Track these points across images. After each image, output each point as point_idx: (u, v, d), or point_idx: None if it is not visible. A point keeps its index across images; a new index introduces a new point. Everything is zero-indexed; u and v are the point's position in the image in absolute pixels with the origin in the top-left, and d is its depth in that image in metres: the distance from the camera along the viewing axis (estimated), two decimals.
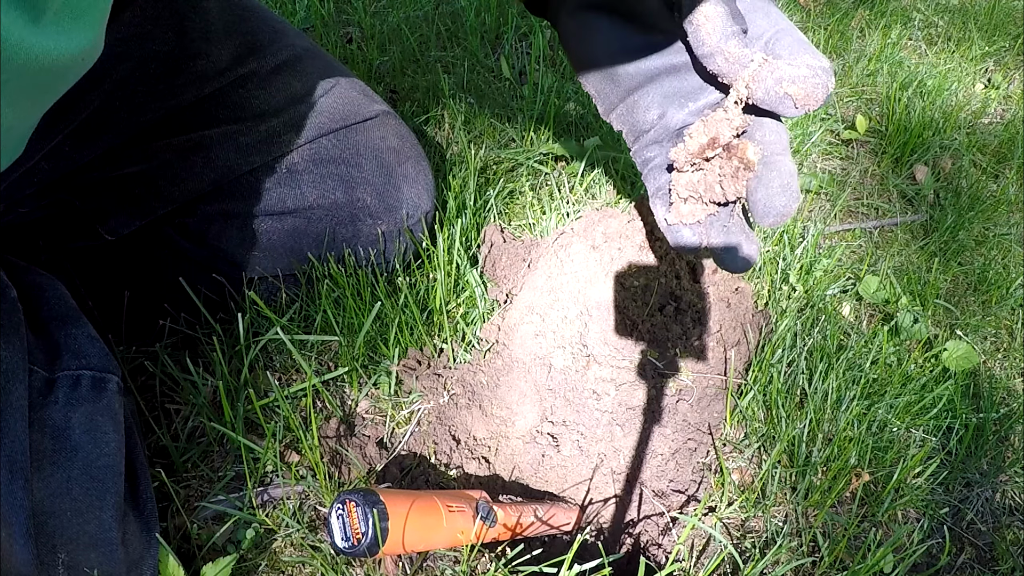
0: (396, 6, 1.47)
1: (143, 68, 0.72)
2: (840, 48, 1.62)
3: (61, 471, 0.54)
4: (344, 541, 0.52)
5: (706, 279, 0.85)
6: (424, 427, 0.76)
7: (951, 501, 0.82)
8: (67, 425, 0.57)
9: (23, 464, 0.51)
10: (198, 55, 0.75)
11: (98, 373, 0.60)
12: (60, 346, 0.60)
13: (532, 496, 0.73)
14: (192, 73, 0.75)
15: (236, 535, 0.67)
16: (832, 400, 0.80)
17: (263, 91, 0.78)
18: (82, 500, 0.54)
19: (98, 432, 0.57)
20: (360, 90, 0.86)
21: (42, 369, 0.58)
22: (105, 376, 0.60)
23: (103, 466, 0.56)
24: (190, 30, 0.74)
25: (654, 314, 0.78)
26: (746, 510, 0.74)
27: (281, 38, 0.82)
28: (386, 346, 0.79)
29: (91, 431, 0.57)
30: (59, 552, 0.52)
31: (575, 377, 0.75)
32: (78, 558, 0.53)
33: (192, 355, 0.78)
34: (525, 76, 1.34)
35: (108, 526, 0.55)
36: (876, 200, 1.25)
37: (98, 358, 0.61)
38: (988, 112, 1.54)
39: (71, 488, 0.54)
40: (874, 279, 1.04)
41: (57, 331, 0.61)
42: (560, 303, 0.77)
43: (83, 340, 0.61)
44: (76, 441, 0.56)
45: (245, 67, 0.77)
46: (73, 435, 0.56)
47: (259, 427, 0.74)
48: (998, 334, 1.05)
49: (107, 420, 0.59)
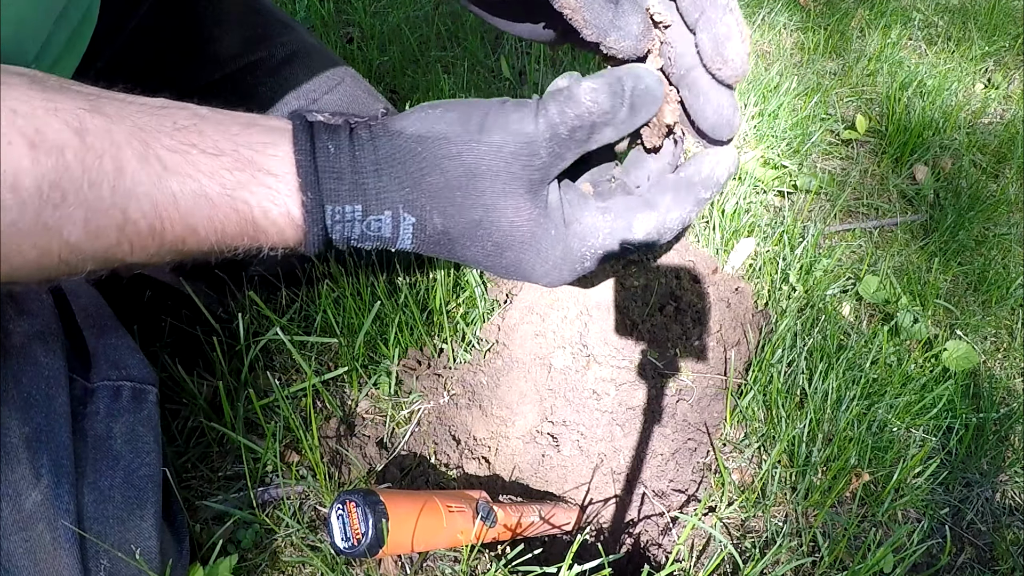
0: (396, 6, 1.47)
1: (159, 58, 0.74)
2: (840, 48, 1.62)
3: (104, 479, 0.55)
4: (344, 541, 0.52)
5: (706, 279, 0.85)
6: (424, 427, 0.76)
7: (951, 501, 0.82)
8: (109, 435, 0.57)
9: (69, 470, 0.52)
10: (210, 39, 0.77)
11: (138, 384, 0.60)
12: (97, 355, 0.61)
13: (532, 496, 0.73)
14: (204, 57, 0.76)
15: (236, 535, 0.67)
16: (832, 400, 0.80)
17: (271, 79, 0.80)
18: (124, 508, 0.55)
19: (139, 442, 0.58)
20: (365, 89, 0.87)
21: (80, 377, 0.58)
22: (145, 388, 0.61)
23: (143, 476, 0.57)
24: (203, 16, 0.76)
25: (654, 314, 0.78)
26: (746, 510, 0.74)
27: (290, 31, 0.84)
28: (386, 346, 0.79)
29: (132, 441, 0.58)
30: (102, 558, 0.53)
31: (575, 377, 0.75)
32: (120, 566, 0.53)
33: (192, 355, 0.78)
34: (525, 76, 1.34)
35: (148, 534, 0.55)
36: (876, 200, 1.25)
37: (138, 369, 0.61)
38: (988, 112, 1.54)
39: (113, 496, 0.55)
40: (874, 279, 1.04)
41: (93, 339, 0.61)
42: (560, 303, 0.77)
43: (123, 351, 0.62)
44: (118, 451, 0.57)
45: (255, 54, 0.79)
46: (115, 445, 0.57)
47: (259, 427, 0.74)
48: (998, 334, 1.05)
49: (147, 431, 0.59)
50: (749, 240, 1.00)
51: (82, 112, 0.36)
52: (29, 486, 0.49)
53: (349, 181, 0.41)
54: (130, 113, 0.38)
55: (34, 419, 0.51)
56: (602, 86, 0.42)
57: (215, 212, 0.39)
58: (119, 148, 0.36)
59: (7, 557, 0.47)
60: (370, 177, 0.41)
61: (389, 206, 0.42)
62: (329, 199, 0.41)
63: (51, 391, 0.53)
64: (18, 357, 0.52)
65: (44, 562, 0.49)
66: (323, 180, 0.40)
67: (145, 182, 0.37)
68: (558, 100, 0.42)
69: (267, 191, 0.40)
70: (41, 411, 0.52)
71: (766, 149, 1.24)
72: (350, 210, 0.41)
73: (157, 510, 0.57)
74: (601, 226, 0.45)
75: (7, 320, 0.53)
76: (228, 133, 0.39)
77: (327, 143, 0.41)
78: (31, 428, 0.51)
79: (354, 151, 0.41)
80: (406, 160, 0.41)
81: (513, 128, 0.41)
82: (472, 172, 0.41)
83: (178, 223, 0.39)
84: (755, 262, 0.99)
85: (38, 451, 0.50)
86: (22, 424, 0.50)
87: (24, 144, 0.34)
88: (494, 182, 0.42)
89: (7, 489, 0.48)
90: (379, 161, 0.41)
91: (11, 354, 0.51)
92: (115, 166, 0.36)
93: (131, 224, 0.37)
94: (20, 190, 0.34)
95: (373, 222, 0.42)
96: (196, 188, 0.38)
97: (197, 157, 0.38)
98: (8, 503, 0.48)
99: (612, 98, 0.42)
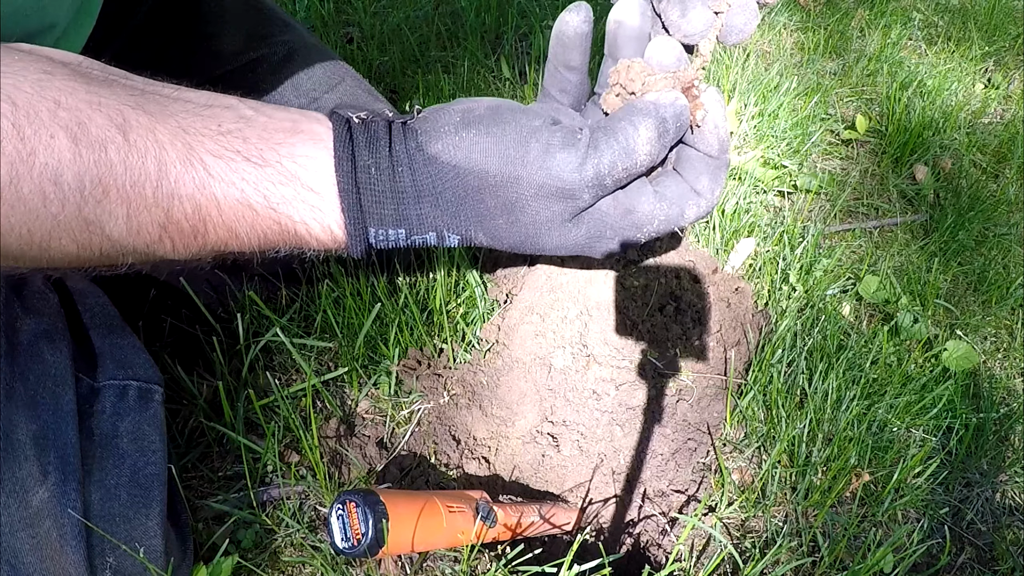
0: (396, 6, 1.47)
1: (161, 55, 0.74)
2: (840, 48, 1.62)
3: (110, 478, 0.55)
4: (344, 541, 0.52)
5: (706, 279, 0.85)
6: (424, 427, 0.76)
7: (951, 501, 0.82)
8: (115, 434, 0.57)
9: (75, 467, 0.52)
10: (212, 36, 0.77)
11: (144, 384, 0.61)
12: (103, 354, 0.61)
13: (532, 496, 0.73)
14: (205, 54, 0.77)
15: (236, 535, 0.67)
16: (832, 400, 0.80)
17: (272, 77, 0.80)
18: (130, 507, 0.55)
19: (144, 441, 0.58)
20: (365, 89, 0.87)
21: (86, 376, 0.58)
22: (151, 387, 0.61)
23: (149, 474, 0.57)
24: (205, 13, 0.77)
25: (654, 314, 0.78)
26: (746, 510, 0.74)
27: (291, 30, 0.84)
28: (386, 346, 0.79)
29: (138, 440, 0.58)
30: (108, 556, 0.53)
31: (575, 377, 0.75)
32: (125, 563, 0.54)
33: (192, 355, 0.78)
34: (525, 76, 1.34)
35: (154, 533, 0.56)
36: (876, 200, 1.25)
37: (143, 368, 0.61)
38: (988, 112, 1.54)
39: (119, 494, 0.55)
40: (874, 279, 1.04)
41: (99, 339, 0.61)
42: (560, 303, 0.77)
43: (129, 350, 0.62)
44: (124, 450, 0.57)
45: (256, 51, 0.79)
46: (121, 444, 0.57)
47: (259, 427, 0.74)
48: (998, 334, 1.05)
49: (153, 430, 0.59)
50: (749, 240, 1.00)
51: (126, 108, 0.36)
52: (36, 483, 0.49)
53: (392, 207, 0.41)
54: (175, 112, 0.38)
55: (41, 417, 0.51)
56: (654, 134, 0.41)
57: (258, 220, 0.39)
58: (163, 148, 0.36)
59: (14, 554, 0.47)
60: (411, 205, 0.41)
61: (432, 228, 0.42)
62: (372, 222, 0.41)
63: (58, 389, 0.53)
64: (25, 355, 0.52)
65: (50, 559, 0.49)
66: (365, 203, 0.40)
67: (189, 184, 0.37)
68: (613, 149, 0.40)
69: (310, 209, 0.40)
70: (48, 409, 0.52)
71: (766, 149, 1.24)
72: (394, 233, 0.42)
73: (162, 509, 0.57)
74: (657, 213, 0.44)
75: (14, 318, 0.53)
76: (272, 141, 0.39)
77: (368, 162, 0.40)
78: (38, 426, 0.51)
79: (394, 173, 0.41)
80: (444, 191, 0.41)
81: (556, 173, 0.40)
82: (511, 207, 0.41)
83: (221, 227, 0.39)
84: (755, 262, 0.99)
85: (45, 449, 0.51)
86: (29, 422, 0.50)
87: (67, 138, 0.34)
88: (535, 217, 0.41)
89: (14, 486, 0.48)
90: (419, 189, 0.41)
91: (18, 352, 0.52)
92: (158, 167, 0.36)
93: (173, 224, 0.38)
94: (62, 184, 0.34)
95: (418, 240, 0.43)
96: (240, 197, 0.38)
97: (241, 165, 0.38)
98: (15, 500, 0.48)
99: (661, 144, 0.41)
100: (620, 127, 0.41)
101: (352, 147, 0.40)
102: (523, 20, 1.46)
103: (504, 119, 0.41)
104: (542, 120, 0.42)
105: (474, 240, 0.43)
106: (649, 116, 0.41)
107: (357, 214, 0.40)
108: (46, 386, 0.53)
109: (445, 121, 0.41)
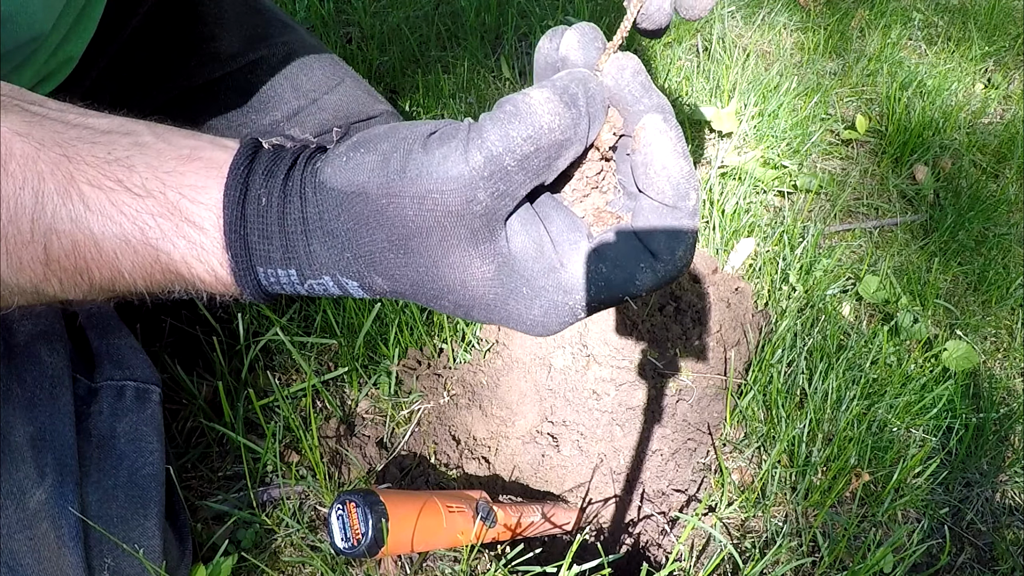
0: (396, 6, 1.47)
1: (161, 56, 0.74)
2: (840, 48, 1.62)
3: (108, 479, 0.55)
4: (344, 542, 0.52)
5: (706, 279, 0.85)
6: (424, 427, 0.76)
7: (951, 501, 0.82)
8: (112, 435, 0.57)
9: (73, 468, 0.52)
10: (211, 38, 0.77)
11: (141, 384, 0.61)
12: (101, 355, 0.61)
13: (532, 496, 0.73)
14: (204, 54, 0.77)
15: (236, 535, 0.67)
16: (832, 400, 0.80)
17: (271, 78, 0.80)
18: (128, 507, 0.55)
19: (142, 442, 0.58)
20: (365, 89, 0.87)
21: (84, 377, 0.58)
22: (148, 387, 0.61)
23: (147, 475, 0.57)
24: (204, 15, 0.77)
25: (654, 314, 0.78)
26: (746, 510, 0.74)
27: (291, 31, 0.84)
28: (386, 346, 0.79)
29: (135, 441, 0.58)
30: (106, 557, 0.53)
31: (575, 377, 0.75)
32: (124, 564, 0.53)
33: (192, 355, 0.78)
34: (525, 76, 1.34)
35: (152, 533, 0.56)
36: (876, 200, 1.25)
37: (141, 369, 0.61)
38: (988, 112, 1.54)
39: (117, 495, 0.55)
40: (874, 279, 1.04)
41: (96, 339, 0.61)
42: None
43: (126, 351, 0.62)
44: (121, 450, 0.57)
45: (255, 53, 0.79)
46: (118, 444, 0.57)
47: (259, 427, 0.74)
48: (998, 334, 1.05)
49: (150, 430, 0.59)
50: (749, 240, 1.00)
51: (11, 135, 0.33)
52: (33, 485, 0.49)
53: (280, 244, 0.34)
54: (68, 139, 0.34)
55: (38, 418, 0.51)
56: (550, 94, 0.32)
57: (138, 259, 0.35)
58: (41, 179, 0.33)
59: (12, 556, 0.47)
60: (299, 241, 0.34)
61: (326, 272, 0.35)
62: (260, 262, 0.35)
63: (55, 391, 0.53)
64: (22, 357, 0.52)
65: (48, 560, 0.49)
66: (251, 239, 0.34)
67: (65, 219, 0.33)
68: (499, 121, 0.31)
69: (190, 246, 0.34)
70: (45, 410, 0.52)
71: (766, 149, 1.24)
72: (284, 274, 0.35)
73: (160, 509, 0.57)
74: (593, 276, 0.35)
75: (11, 320, 0.53)
76: (160, 170, 0.34)
77: (259, 191, 0.34)
78: (35, 427, 0.51)
79: (284, 203, 0.34)
80: (331, 222, 0.34)
81: (436, 173, 0.32)
82: (399, 232, 0.33)
83: (104, 266, 0.35)
84: (755, 262, 0.99)
85: (42, 450, 0.51)
86: (26, 423, 0.50)
87: None
88: (426, 240, 0.33)
89: (11, 488, 0.48)
90: (307, 222, 0.34)
91: (15, 354, 0.52)
92: (35, 199, 0.32)
93: (55, 261, 0.34)
94: None
95: (315, 285, 0.36)
96: (118, 231, 0.34)
97: (121, 196, 0.34)
98: (12, 502, 0.48)
99: (565, 105, 0.32)
100: (508, 99, 0.33)
101: (248, 176, 0.35)
102: (523, 20, 1.46)
103: (394, 133, 0.34)
104: (432, 126, 0.34)
105: (373, 285, 0.35)
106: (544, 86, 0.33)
107: (242, 252, 0.34)
108: (43, 387, 0.53)
109: (344, 143, 0.35)
